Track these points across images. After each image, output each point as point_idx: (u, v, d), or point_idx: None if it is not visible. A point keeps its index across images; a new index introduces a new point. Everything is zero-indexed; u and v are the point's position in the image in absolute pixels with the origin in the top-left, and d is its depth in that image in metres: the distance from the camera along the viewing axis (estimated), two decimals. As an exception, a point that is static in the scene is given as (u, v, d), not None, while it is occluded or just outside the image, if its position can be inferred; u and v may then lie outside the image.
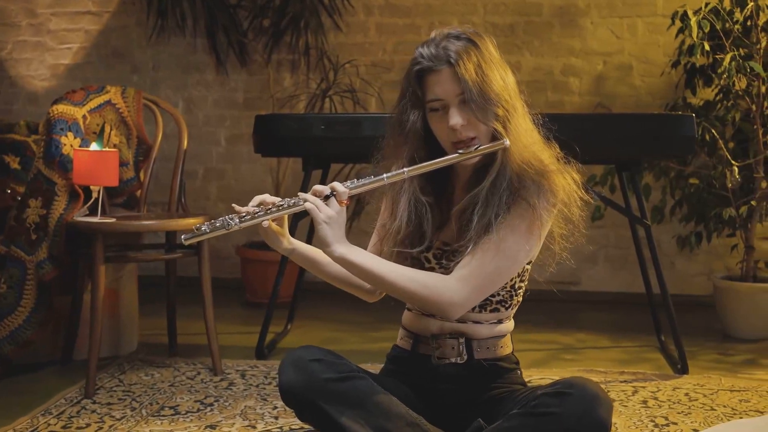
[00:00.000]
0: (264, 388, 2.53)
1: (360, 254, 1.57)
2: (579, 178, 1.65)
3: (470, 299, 1.58)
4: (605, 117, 3.19)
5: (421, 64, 1.60)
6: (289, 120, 2.83)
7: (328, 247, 1.54)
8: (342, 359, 1.60)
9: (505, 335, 1.74)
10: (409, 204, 1.66)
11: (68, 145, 2.70)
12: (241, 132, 4.30)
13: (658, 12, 3.94)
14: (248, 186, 4.30)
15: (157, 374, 2.66)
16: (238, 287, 4.02)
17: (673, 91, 3.81)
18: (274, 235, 1.64)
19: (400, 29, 4.10)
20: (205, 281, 2.68)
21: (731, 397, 2.45)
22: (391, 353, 1.83)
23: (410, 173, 1.59)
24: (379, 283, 1.59)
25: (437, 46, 1.59)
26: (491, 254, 1.56)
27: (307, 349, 1.59)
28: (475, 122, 1.58)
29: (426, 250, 1.67)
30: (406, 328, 1.79)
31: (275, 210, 1.57)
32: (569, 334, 3.30)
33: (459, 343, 1.69)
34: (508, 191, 1.59)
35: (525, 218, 1.59)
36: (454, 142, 1.60)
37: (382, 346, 3.12)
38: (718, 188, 3.34)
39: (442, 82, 1.58)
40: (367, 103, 4.10)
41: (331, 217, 1.53)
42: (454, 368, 1.70)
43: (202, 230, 1.58)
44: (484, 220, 1.58)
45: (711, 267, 3.96)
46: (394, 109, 1.69)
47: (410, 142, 1.64)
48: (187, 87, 4.32)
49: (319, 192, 1.56)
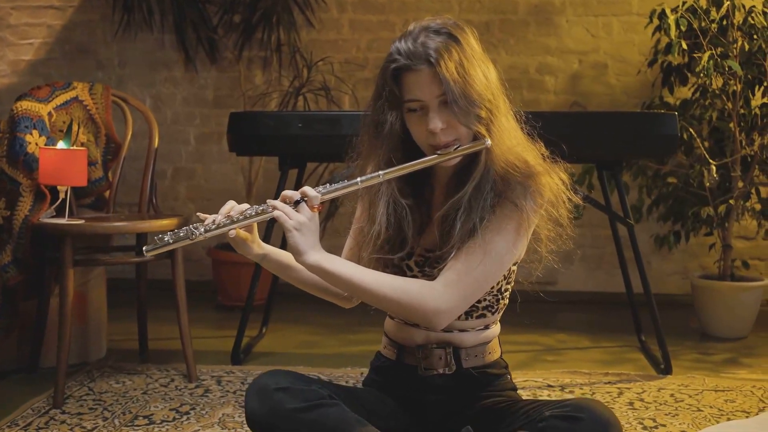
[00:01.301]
0: (242, 394, 2.44)
1: (335, 262, 1.47)
2: (567, 177, 1.58)
3: (457, 306, 1.50)
4: (586, 115, 3.17)
5: (398, 62, 1.48)
6: (266, 118, 2.74)
7: (300, 255, 1.45)
8: (311, 384, 1.47)
9: (492, 340, 1.67)
10: (387, 207, 1.57)
11: (33, 143, 2.58)
12: (211, 130, 4.19)
13: (633, 11, 3.93)
14: (219, 186, 4.20)
15: (129, 381, 2.56)
16: (209, 290, 3.92)
17: (648, 90, 3.81)
18: (243, 243, 1.55)
19: (374, 26, 4.03)
20: (178, 285, 2.59)
21: (716, 398, 2.43)
22: (375, 362, 1.74)
23: (386, 176, 1.50)
24: (357, 291, 1.49)
25: (415, 42, 1.48)
26: (478, 258, 1.48)
27: (272, 376, 1.46)
28: (455, 125, 1.48)
29: (407, 257, 1.59)
30: (389, 337, 1.70)
31: (242, 219, 1.48)
32: (549, 335, 3.27)
33: (446, 353, 1.60)
34: (492, 194, 1.51)
35: (511, 219, 1.51)
36: (433, 144, 1.50)
37: (361, 349, 3.07)
38: (695, 187, 3.34)
39: (420, 83, 1.47)
40: (341, 101, 4.03)
41: (302, 224, 1.44)
42: (442, 379, 1.61)
43: (165, 241, 1.49)
44: (468, 225, 1.49)
45: (685, 266, 3.97)
46: (368, 107, 1.59)
47: (387, 144, 1.54)
48: (155, 84, 4.20)
49: (288, 198, 1.47)
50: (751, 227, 3.73)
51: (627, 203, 2.75)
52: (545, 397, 2.42)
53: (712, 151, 3.32)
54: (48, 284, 2.64)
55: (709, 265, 3.94)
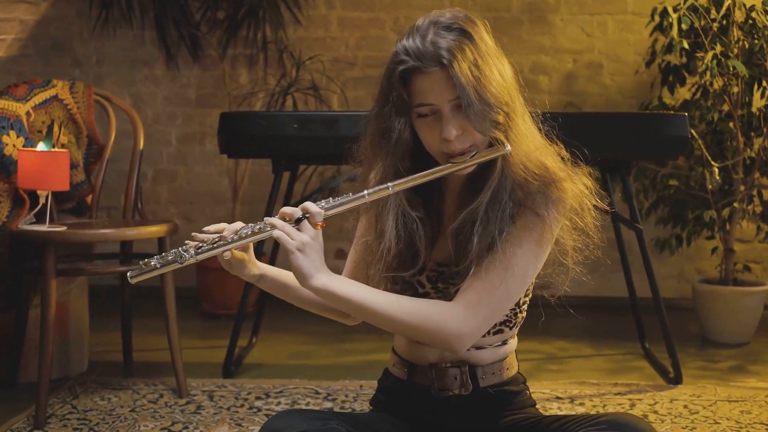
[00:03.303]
0: (236, 411, 2.31)
1: (345, 284, 1.34)
2: (590, 182, 1.46)
3: (480, 328, 1.38)
4: (593, 116, 3.04)
5: (406, 63, 1.34)
6: (259, 118, 2.60)
7: (305, 279, 1.31)
8: (327, 423, 1.34)
9: (509, 355, 1.55)
10: (397, 221, 1.43)
11: (10, 144, 2.43)
12: (194, 131, 4.04)
13: (629, 10, 3.85)
14: (202, 189, 4.04)
15: (115, 398, 2.41)
16: (193, 297, 3.76)
17: (643, 91, 3.74)
18: (239, 264, 1.42)
19: (364, 24, 3.91)
20: (168, 293, 2.45)
21: (731, 409, 2.35)
22: (383, 382, 1.61)
23: (395, 188, 1.36)
24: (371, 316, 1.36)
25: (424, 40, 1.33)
26: (499, 275, 1.36)
27: (286, 420, 1.33)
28: (471, 130, 1.35)
29: (419, 273, 1.46)
30: (399, 355, 1.57)
31: (237, 239, 1.34)
32: (549, 342, 3.17)
33: (462, 372, 1.48)
34: (510, 203, 1.39)
35: (533, 230, 1.39)
36: (447, 153, 1.37)
37: (358, 359, 2.95)
38: (697, 190, 3.27)
39: (432, 86, 1.33)
40: (330, 100, 3.90)
41: (305, 244, 1.31)
42: (458, 400, 1.49)
43: (152, 266, 1.33)
44: (486, 239, 1.37)
45: (682, 269, 3.91)
46: (373, 113, 1.45)
47: (395, 153, 1.41)
48: (135, 82, 4.04)
49: (288, 215, 1.34)
50: (747, 230, 3.68)
51: (636, 207, 2.66)
52: (555, 410, 2.32)
53: (713, 153, 3.25)
54: (27, 295, 2.47)
55: (706, 268, 3.88)
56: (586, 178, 1.44)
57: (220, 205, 4.04)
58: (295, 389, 2.52)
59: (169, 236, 2.45)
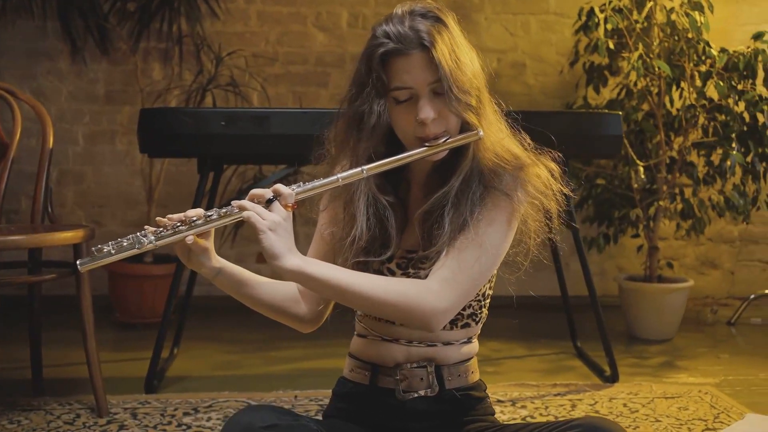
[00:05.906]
0: (164, 429, 2.14)
1: (318, 265, 1.30)
2: (555, 167, 1.47)
3: (455, 304, 1.36)
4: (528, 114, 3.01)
5: (386, 45, 1.34)
6: (183, 115, 2.44)
7: (276, 259, 1.25)
8: (299, 419, 1.31)
9: (472, 358, 1.54)
10: (367, 207, 1.42)
11: None
12: (103, 129, 3.79)
13: (551, 10, 3.88)
14: (112, 190, 3.80)
15: (25, 420, 2.20)
16: (104, 305, 3.51)
17: (566, 91, 3.77)
18: (203, 253, 1.34)
19: (285, 18, 3.77)
20: (84, 303, 2.27)
21: (669, 406, 2.37)
22: (340, 389, 1.54)
23: (369, 171, 1.35)
24: (346, 297, 1.32)
25: (403, 25, 1.35)
26: (473, 252, 1.36)
27: (255, 413, 1.28)
28: (447, 115, 1.36)
29: (388, 261, 1.44)
30: (359, 358, 1.51)
31: (202, 223, 1.27)
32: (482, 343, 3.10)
33: (428, 372, 1.45)
34: (481, 187, 1.41)
35: (503, 210, 1.40)
36: (421, 137, 1.37)
37: (289, 368, 2.82)
38: (622, 188, 3.31)
39: (412, 69, 1.33)
40: (250, 97, 3.74)
41: (277, 223, 1.26)
42: (424, 402, 1.46)
43: (105, 252, 1.24)
44: (458, 220, 1.38)
45: (603, 267, 3.97)
46: (349, 96, 1.43)
47: (372, 137, 1.39)
48: (36, 77, 3.75)
49: (258, 196, 1.29)
50: (666, 228, 3.76)
51: (572, 206, 2.65)
52: (499, 414, 2.27)
53: (637, 152, 3.30)
54: None
55: (626, 266, 3.96)
56: (551, 163, 1.47)
57: (132, 207, 3.81)
58: (225, 402, 2.37)
59: (86, 242, 2.26)
